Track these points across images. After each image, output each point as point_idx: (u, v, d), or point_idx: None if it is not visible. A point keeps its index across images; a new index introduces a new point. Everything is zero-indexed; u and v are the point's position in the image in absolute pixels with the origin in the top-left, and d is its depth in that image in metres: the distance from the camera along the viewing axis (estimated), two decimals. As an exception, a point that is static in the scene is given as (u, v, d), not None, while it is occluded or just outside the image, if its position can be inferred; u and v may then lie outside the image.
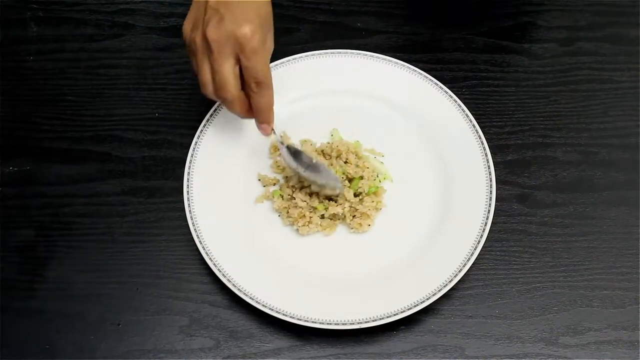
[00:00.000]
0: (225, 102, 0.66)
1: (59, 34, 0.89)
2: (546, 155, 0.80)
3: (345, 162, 0.76)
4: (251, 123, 0.79)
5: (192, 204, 0.72)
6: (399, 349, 0.68)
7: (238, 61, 0.64)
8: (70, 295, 0.71)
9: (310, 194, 0.74)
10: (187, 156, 0.75)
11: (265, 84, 0.65)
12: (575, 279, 0.72)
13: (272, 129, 0.71)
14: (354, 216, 0.73)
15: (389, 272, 0.71)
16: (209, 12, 0.62)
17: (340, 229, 0.74)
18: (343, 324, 0.66)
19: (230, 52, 0.62)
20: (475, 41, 0.89)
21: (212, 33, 0.62)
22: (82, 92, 0.85)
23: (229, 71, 0.63)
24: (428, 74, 0.81)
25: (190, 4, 0.91)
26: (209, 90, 0.66)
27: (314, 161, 0.73)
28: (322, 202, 0.73)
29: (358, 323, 0.66)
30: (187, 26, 0.65)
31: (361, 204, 0.73)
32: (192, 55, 0.65)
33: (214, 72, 0.64)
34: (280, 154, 0.77)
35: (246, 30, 0.61)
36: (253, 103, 0.67)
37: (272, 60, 0.80)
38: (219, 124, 0.78)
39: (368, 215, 0.73)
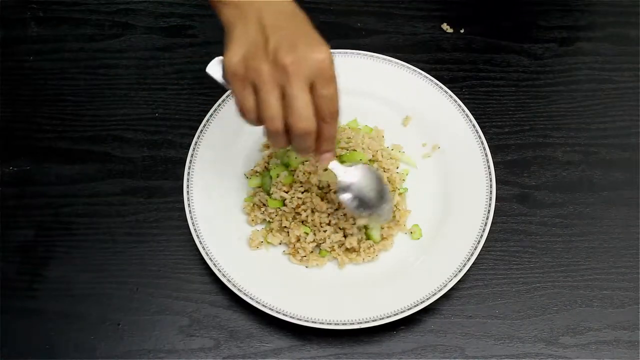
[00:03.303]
0: (303, 135, 0.57)
1: (59, 34, 0.89)
2: (546, 155, 0.80)
3: None
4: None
5: (192, 204, 0.72)
6: (399, 349, 0.68)
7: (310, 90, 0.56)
8: (70, 295, 0.71)
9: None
10: (187, 156, 0.75)
11: (338, 113, 0.59)
12: (575, 279, 0.72)
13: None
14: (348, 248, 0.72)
15: (389, 272, 0.71)
16: (274, 37, 0.55)
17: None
18: (343, 324, 0.66)
19: (307, 79, 0.55)
20: (475, 41, 0.89)
21: (287, 59, 0.54)
22: (82, 92, 0.85)
23: (309, 99, 0.56)
24: (428, 74, 0.81)
25: (189, 4, 0.92)
26: (277, 124, 0.57)
27: (382, 188, 0.69)
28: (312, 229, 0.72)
29: (358, 323, 0.66)
30: (235, 55, 0.56)
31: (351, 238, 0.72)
32: (247, 87, 0.57)
33: (290, 102, 0.56)
34: (267, 153, 0.78)
35: (324, 55, 0.55)
36: (323, 133, 0.59)
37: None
38: (219, 124, 0.78)
39: (356, 250, 0.72)
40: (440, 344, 0.69)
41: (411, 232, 0.74)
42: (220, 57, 0.60)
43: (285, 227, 0.72)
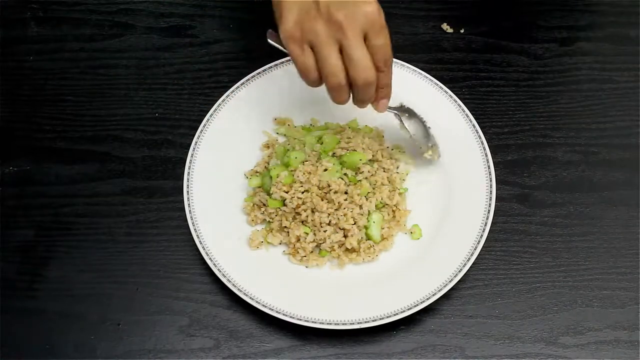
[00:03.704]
0: (366, 85, 0.62)
1: (59, 34, 0.89)
2: (546, 155, 0.80)
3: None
4: (253, 121, 0.79)
5: (192, 204, 0.72)
6: (399, 349, 0.69)
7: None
8: (70, 295, 0.71)
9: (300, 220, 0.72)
10: (187, 156, 0.75)
11: (391, 61, 0.64)
12: (575, 279, 0.72)
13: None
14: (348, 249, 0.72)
15: (389, 272, 0.71)
16: None
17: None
18: (343, 324, 0.66)
19: (361, 31, 0.60)
20: (475, 41, 0.89)
21: (340, 15, 0.59)
22: (82, 92, 0.85)
23: (366, 51, 0.60)
24: (428, 74, 0.81)
25: (189, 4, 0.92)
26: (340, 78, 0.61)
27: (424, 120, 0.75)
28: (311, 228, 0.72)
29: (358, 323, 0.66)
30: (289, 20, 0.61)
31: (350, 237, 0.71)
32: (305, 48, 0.61)
33: (349, 55, 0.60)
34: (267, 153, 0.78)
35: (373, 7, 0.60)
36: (380, 81, 0.64)
37: (272, 61, 0.81)
38: (219, 124, 0.78)
39: (356, 250, 0.72)
40: (440, 344, 0.69)
41: (411, 232, 0.74)
42: (271, 30, 0.67)
43: (285, 227, 0.72)
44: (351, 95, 0.65)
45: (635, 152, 0.80)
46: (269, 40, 0.67)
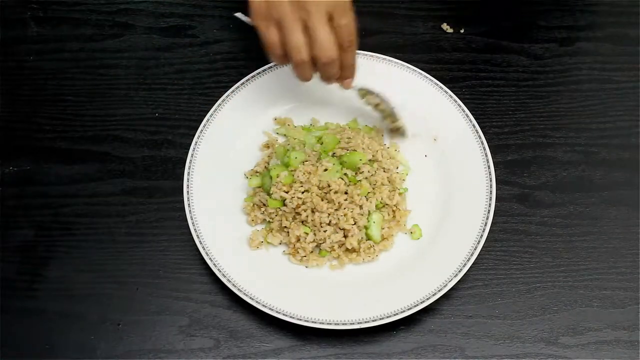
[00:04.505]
0: (328, 63, 0.65)
1: (59, 34, 0.89)
2: (546, 155, 0.80)
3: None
4: (253, 121, 0.79)
5: (192, 204, 0.72)
6: (399, 349, 0.69)
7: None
8: (70, 295, 0.71)
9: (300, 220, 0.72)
10: (187, 156, 0.75)
11: (355, 41, 0.66)
12: (575, 279, 0.72)
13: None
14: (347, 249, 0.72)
15: (389, 272, 0.71)
16: None
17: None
18: (343, 324, 0.66)
19: (326, 11, 0.62)
20: (475, 41, 0.89)
21: None
22: (82, 92, 0.85)
23: (329, 30, 0.63)
24: (428, 74, 0.81)
25: (189, 4, 0.92)
26: (303, 54, 0.64)
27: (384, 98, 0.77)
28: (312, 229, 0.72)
29: (358, 323, 0.66)
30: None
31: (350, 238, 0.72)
32: (270, 24, 0.64)
33: (313, 34, 0.63)
34: (267, 153, 0.78)
35: None
36: (344, 60, 0.67)
37: (272, 60, 0.81)
38: (219, 124, 0.78)
39: (356, 250, 0.72)
40: (440, 344, 0.69)
41: (411, 232, 0.74)
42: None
43: (285, 227, 0.72)
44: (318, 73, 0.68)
45: (635, 152, 0.80)
46: (237, 15, 0.71)
